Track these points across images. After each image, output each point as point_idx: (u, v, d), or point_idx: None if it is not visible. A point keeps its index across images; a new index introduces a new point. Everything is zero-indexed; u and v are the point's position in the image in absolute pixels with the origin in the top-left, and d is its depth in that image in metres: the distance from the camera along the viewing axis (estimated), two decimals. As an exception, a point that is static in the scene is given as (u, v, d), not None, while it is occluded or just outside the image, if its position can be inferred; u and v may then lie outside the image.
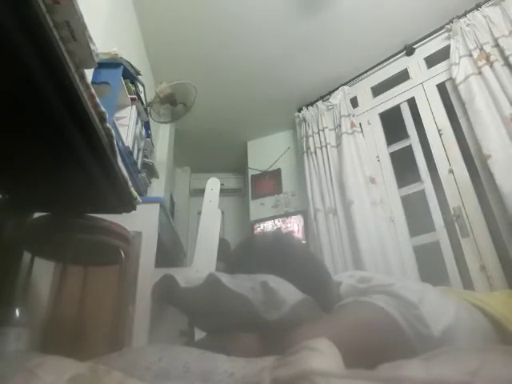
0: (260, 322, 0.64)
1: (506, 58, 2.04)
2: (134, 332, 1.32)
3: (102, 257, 1.20)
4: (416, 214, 2.38)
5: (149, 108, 2.29)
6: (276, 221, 3.25)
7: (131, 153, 1.81)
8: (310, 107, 3.15)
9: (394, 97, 2.68)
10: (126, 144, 1.73)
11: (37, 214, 1.05)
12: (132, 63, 1.78)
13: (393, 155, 2.60)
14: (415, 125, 2.52)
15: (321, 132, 2.94)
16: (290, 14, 2.39)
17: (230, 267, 0.85)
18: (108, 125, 0.73)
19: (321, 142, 2.90)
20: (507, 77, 2.00)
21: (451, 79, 2.29)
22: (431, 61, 2.54)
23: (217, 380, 0.42)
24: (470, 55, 2.20)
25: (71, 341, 1.22)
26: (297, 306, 0.64)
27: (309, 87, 3.06)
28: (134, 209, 1.04)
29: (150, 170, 2.32)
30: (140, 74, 1.95)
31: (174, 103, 2.36)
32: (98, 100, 0.68)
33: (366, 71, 2.87)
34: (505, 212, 1.84)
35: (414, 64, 2.62)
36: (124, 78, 1.71)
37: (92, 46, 0.65)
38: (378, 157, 2.64)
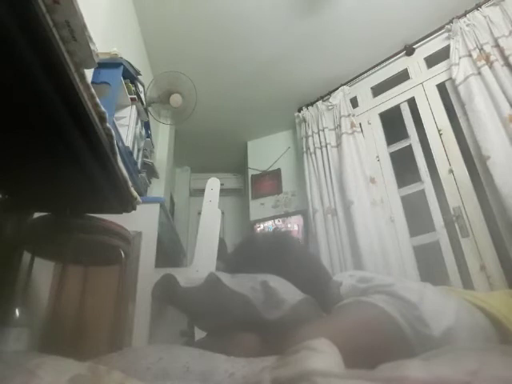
0: (260, 322, 0.64)
1: (505, 58, 2.03)
2: (134, 332, 1.33)
3: (102, 257, 1.20)
4: (416, 214, 2.38)
5: (149, 108, 2.29)
6: (276, 221, 3.25)
7: (131, 153, 1.81)
8: (310, 107, 3.15)
9: (394, 97, 2.67)
10: (126, 144, 1.73)
11: (37, 214, 1.05)
12: (132, 63, 1.78)
13: (393, 155, 2.60)
14: (415, 125, 2.51)
15: (321, 132, 2.93)
16: (290, 14, 2.39)
17: (229, 267, 0.85)
18: (108, 125, 0.73)
19: (321, 142, 2.90)
20: (507, 77, 2.00)
21: (451, 79, 2.29)
22: (431, 61, 2.54)
23: (217, 380, 0.42)
24: (470, 55, 2.19)
25: (71, 341, 1.22)
26: (297, 306, 0.64)
27: (309, 87, 3.06)
28: (134, 209, 1.04)
29: (150, 170, 2.32)
30: (140, 74, 1.95)
31: (169, 93, 2.37)
32: (98, 100, 0.68)
33: (366, 71, 2.87)
34: (505, 212, 1.84)
35: (414, 64, 2.62)
36: (124, 78, 1.71)
37: (92, 46, 0.64)
38: (377, 157, 2.64)
